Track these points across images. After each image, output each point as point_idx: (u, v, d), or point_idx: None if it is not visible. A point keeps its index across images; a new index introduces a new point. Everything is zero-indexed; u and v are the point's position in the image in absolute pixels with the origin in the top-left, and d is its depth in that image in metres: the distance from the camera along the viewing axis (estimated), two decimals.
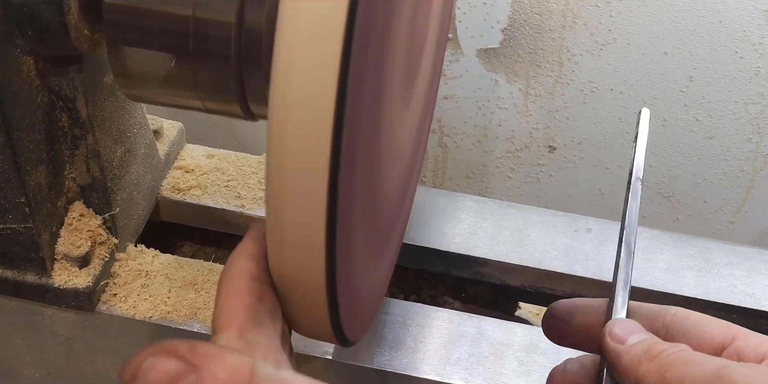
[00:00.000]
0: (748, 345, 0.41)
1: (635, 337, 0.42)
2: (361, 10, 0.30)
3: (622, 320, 0.44)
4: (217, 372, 0.31)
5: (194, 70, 0.41)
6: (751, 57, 0.82)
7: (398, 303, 0.58)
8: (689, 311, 0.44)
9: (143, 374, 0.31)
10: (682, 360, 0.39)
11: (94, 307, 0.55)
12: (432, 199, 0.68)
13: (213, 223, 0.65)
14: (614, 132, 0.91)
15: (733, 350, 0.42)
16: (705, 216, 0.97)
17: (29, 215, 0.49)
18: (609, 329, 0.43)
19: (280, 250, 0.35)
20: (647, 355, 0.41)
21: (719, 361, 0.39)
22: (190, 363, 0.31)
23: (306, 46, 0.30)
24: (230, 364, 0.31)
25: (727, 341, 0.42)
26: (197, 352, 0.32)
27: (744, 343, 0.42)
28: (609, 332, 0.43)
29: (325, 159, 0.31)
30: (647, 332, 0.43)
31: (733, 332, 0.43)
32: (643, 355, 0.41)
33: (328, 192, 0.32)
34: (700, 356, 0.40)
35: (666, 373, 0.39)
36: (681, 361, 0.39)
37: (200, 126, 0.96)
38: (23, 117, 0.46)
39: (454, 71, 0.88)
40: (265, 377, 0.31)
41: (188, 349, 0.32)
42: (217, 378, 0.31)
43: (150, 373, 0.31)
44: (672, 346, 0.41)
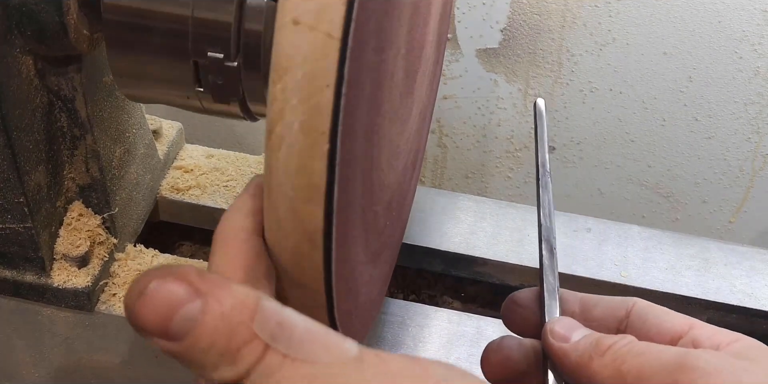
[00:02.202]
0: (703, 334, 0.41)
1: (578, 334, 0.41)
2: (359, 10, 0.30)
3: (561, 318, 0.43)
4: (223, 300, 0.31)
5: (193, 70, 0.41)
6: (750, 57, 0.82)
7: (397, 303, 0.58)
8: (650, 303, 0.44)
9: (148, 296, 0.31)
10: (636, 351, 0.39)
11: (93, 306, 0.55)
12: (431, 199, 0.68)
13: (212, 223, 0.64)
14: (614, 132, 0.91)
15: (689, 338, 0.41)
16: (704, 216, 0.97)
17: (28, 215, 0.49)
18: (550, 328, 0.42)
19: (283, 92, 0.33)
20: (597, 349, 0.40)
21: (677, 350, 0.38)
22: (197, 289, 0.31)
23: (305, 47, 0.30)
24: (236, 294, 0.31)
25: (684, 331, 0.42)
26: (205, 279, 0.31)
27: (700, 331, 0.41)
28: (550, 331, 0.42)
29: (323, 160, 0.31)
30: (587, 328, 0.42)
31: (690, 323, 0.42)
32: (593, 351, 0.40)
33: (326, 193, 0.32)
34: (654, 346, 0.39)
35: (621, 366, 0.38)
36: (635, 352, 0.39)
37: (199, 126, 0.96)
38: (22, 117, 0.46)
39: (454, 71, 0.88)
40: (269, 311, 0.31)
41: (197, 276, 0.31)
42: (223, 306, 0.30)
43: (155, 296, 0.31)
44: (619, 337, 0.40)
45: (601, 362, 0.39)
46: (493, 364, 0.44)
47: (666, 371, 0.37)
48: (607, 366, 0.39)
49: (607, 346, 0.39)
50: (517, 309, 0.45)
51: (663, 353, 0.38)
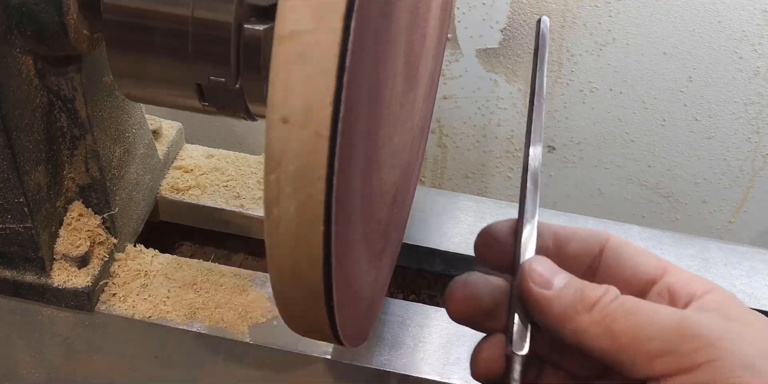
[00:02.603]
0: (678, 281, 0.40)
1: (560, 279, 0.39)
2: (359, 11, 0.30)
3: (540, 259, 0.40)
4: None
5: (193, 70, 0.41)
6: (750, 57, 0.82)
7: (397, 303, 0.58)
8: (623, 241, 0.42)
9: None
10: (626, 310, 0.37)
11: (93, 306, 0.55)
12: (431, 199, 0.68)
13: (212, 223, 0.65)
14: (614, 132, 0.91)
15: (663, 285, 0.40)
16: (704, 216, 0.97)
17: (28, 215, 0.49)
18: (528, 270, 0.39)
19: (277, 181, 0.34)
20: (583, 304, 0.38)
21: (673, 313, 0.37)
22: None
23: (295, 144, 0.31)
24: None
25: (659, 275, 0.41)
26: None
27: (674, 279, 0.40)
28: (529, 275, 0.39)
29: (322, 161, 0.31)
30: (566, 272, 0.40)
31: (664, 266, 0.41)
32: (579, 304, 0.38)
33: (326, 193, 0.32)
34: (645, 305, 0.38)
35: (612, 324, 0.37)
36: (624, 311, 0.37)
37: (199, 126, 0.96)
38: (22, 117, 0.46)
39: (454, 71, 0.88)
40: None
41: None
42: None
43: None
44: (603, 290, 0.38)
45: (590, 318, 0.38)
46: (458, 300, 0.42)
47: (665, 337, 0.36)
48: (595, 323, 0.37)
49: (594, 299, 0.38)
50: (493, 242, 0.43)
51: (659, 315, 0.37)
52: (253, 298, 0.56)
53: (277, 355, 0.54)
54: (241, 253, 0.70)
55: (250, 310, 0.56)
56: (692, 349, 0.35)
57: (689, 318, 0.36)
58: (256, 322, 0.55)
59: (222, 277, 0.58)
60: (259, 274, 0.58)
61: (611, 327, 0.37)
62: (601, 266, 0.42)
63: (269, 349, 0.54)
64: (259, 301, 0.56)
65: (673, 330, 0.36)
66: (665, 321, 0.36)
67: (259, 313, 0.55)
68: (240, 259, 0.70)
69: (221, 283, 0.57)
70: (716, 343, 0.35)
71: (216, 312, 0.55)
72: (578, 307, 0.38)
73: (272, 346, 0.54)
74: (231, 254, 0.70)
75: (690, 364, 0.35)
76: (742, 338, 0.36)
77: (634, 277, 0.41)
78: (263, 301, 0.56)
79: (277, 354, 0.54)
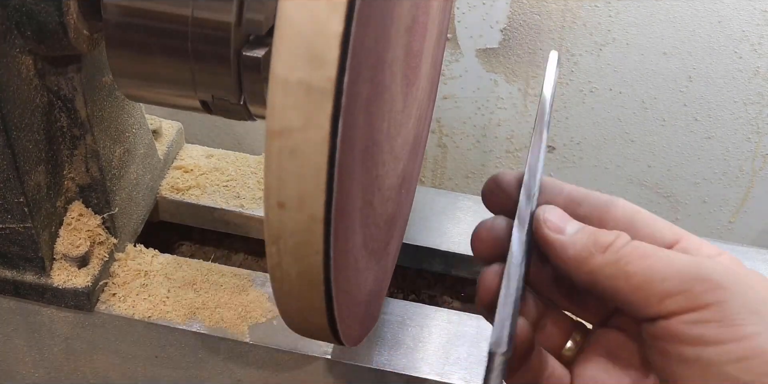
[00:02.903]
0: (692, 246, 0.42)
1: (572, 226, 0.41)
2: (359, 11, 0.30)
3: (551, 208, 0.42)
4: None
5: (193, 70, 0.41)
6: (750, 57, 0.82)
7: (397, 303, 0.58)
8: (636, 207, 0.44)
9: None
10: (640, 253, 0.39)
11: (93, 306, 0.55)
12: (431, 199, 0.68)
13: (212, 222, 0.65)
14: (613, 132, 0.91)
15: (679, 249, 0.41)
16: (704, 216, 0.97)
17: (28, 215, 0.49)
18: (543, 218, 0.41)
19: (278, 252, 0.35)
20: (597, 246, 0.40)
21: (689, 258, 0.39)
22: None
23: (304, 48, 0.30)
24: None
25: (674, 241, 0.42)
26: None
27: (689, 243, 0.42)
28: (544, 221, 0.41)
29: (323, 161, 0.31)
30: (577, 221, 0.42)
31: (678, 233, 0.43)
32: (593, 247, 0.40)
33: (326, 194, 0.32)
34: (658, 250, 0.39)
35: (626, 266, 0.39)
36: (638, 253, 0.39)
37: (199, 126, 0.96)
38: (22, 117, 0.46)
39: (454, 71, 0.88)
40: None
41: None
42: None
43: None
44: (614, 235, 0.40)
45: (603, 260, 0.39)
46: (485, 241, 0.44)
47: (680, 278, 0.37)
48: (610, 264, 0.39)
49: (608, 242, 0.40)
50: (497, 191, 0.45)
51: (675, 259, 0.38)
52: (253, 298, 0.56)
53: (277, 355, 0.54)
54: (241, 253, 0.70)
55: (250, 310, 0.56)
56: (703, 290, 0.37)
57: (703, 263, 0.38)
58: (256, 322, 0.55)
59: (222, 277, 0.58)
60: (259, 274, 0.58)
61: (625, 268, 0.39)
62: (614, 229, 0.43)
63: (269, 349, 0.54)
64: (259, 301, 0.56)
65: (687, 272, 0.37)
66: (679, 264, 0.38)
67: (259, 313, 0.55)
68: (240, 259, 0.70)
69: (221, 283, 0.57)
70: (726, 287, 0.37)
71: (216, 312, 0.55)
72: (592, 249, 0.40)
73: (272, 346, 0.54)
74: (231, 254, 0.70)
75: (700, 303, 0.37)
76: (749, 287, 0.37)
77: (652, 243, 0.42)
78: (263, 301, 0.56)
79: (277, 354, 0.54)
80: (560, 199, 0.44)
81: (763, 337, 0.36)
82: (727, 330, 0.36)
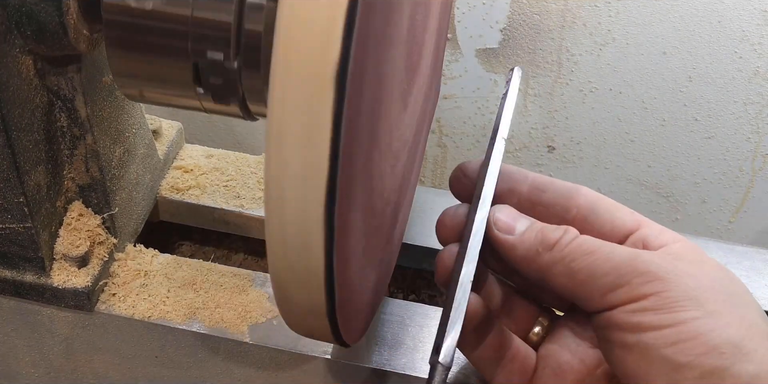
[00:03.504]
0: (651, 233, 0.43)
1: (522, 224, 0.43)
2: (360, 12, 0.30)
3: (502, 207, 0.44)
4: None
5: (193, 70, 0.41)
6: (750, 57, 0.82)
7: (397, 302, 0.58)
8: (599, 195, 0.45)
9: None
10: (585, 250, 0.40)
11: (93, 306, 0.55)
12: (432, 199, 0.68)
13: (212, 222, 0.65)
14: (613, 132, 0.91)
15: (639, 236, 0.43)
16: (704, 216, 0.97)
17: (28, 215, 0.49)
18: (493, 218, 0.43)
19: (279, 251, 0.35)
20: (544, 244, 0.41)
21: (628, 251, 0.40)
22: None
23: (304, 49, 0.30)
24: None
25: (634, 228, 0.44)
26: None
27: (648, 230, 0.43)
28: (494, 222, 0.43)
29: (323, 162, 0.31)
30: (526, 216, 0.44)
31: (639, 220, 0.44)
32: (540, 245, 0.41)
33: (327, 194, 0.32)
34: (602, 245, 0.40)
35: (571, 263, 0.40)
36: (584, 250, 0.40)
37: (199, 126, 0.96)
38: (22, 117, 0.46)
39: (454, 71, 0.88)
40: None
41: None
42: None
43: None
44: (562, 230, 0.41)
45: (551, 258, 0.41)
46: (447, 226, 0.46)
47: (618, 273, 0.39)
48: (556, 262, 0.41)
49: (554, 240, 0.41)
50: (463, 179, 0.47)
51: (614, 254, 0.40)
52: (253, 298, 0.56)
53: (277, 355, 0.54)
54: (241, 253, 0.70)
55: (250, 310, 0.56)
56: (642, 282, 0.39)
57: (641, 256, 0.40)
58: (256, 322, 0.55)
59: (222, 276, 0.58)
60: (259, 274, 0.58)
61: (570, 266, 0.40)
62: (577, 219, 0.45)
63: (269, 349, 0.54)
64: (259, 301, 0.56)
65: (625, 266, 0.39)
66: (619, 259, 0.39)
67: (259, 313, 0.55)
68: (240, 259, 0.70)
69: (221, 282, 0.57)
70: (664, 277, 0.38)
71: (216, 312, 0.55)
72: (539, 248, 0.41)
73: (272, 346, 0.54)
74: (231, 254, 0.70)
75: (639, 295, 0.39)
76: (688, 275, 0.39)
77: (612, 231, 0.44)
78: (263, 301, 0.56)
79: (277, 354, 0.54)
80: (525, 187, 0.46)
81: (700, 321, 0.38)
82: (665, 316, 0.38)
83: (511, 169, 0.47)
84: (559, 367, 0.45)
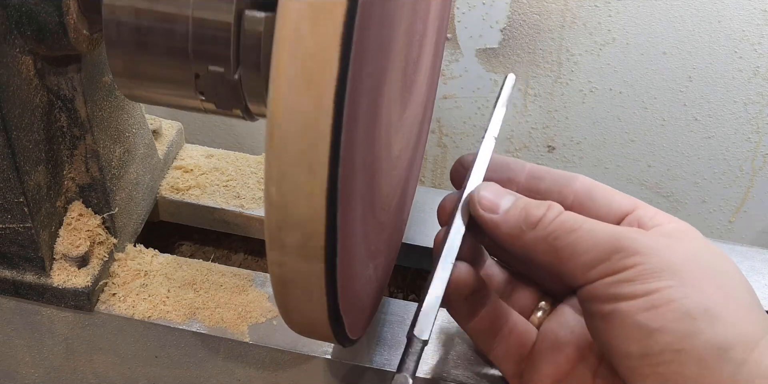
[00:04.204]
0: (646, 214, 0.44)
1: (506, 200, 0.44)
2: (360, 12, 0.30)
3: (486, 185, 0.45)
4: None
5: (193, 70, 0.41)
6: (750, 57, 0.82)
7: (397, 302, 0.58)
8: (595, 182, 0.47)
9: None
10: (568, 227, 0.41)
11: (93, 306, 0.55)
12: (431, 199, 0.68)
13: (212, 222, 0.65)
14: (613, 132, 0.91)
15: (634, 217, 0.44)
16: (704, 216, 0.97)
17: (28, 215, 0.49)
18: (477, 198, 0.44)
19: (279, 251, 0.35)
20: (527, 222, 0.42)
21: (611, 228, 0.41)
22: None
23: (304, 49, 0.30)
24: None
25: (630, 210, 0.45)
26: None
27: (643, 211, 0.45)
28: (479, 202, 0.44)
29: (323, 162, 0.32)
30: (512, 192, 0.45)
31: (635, 202, 0.45)
32: (523, 223, 0.42)
33: (327, 194, 0.32)
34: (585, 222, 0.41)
35: (555, 241, 0.41)
36: (566, 228, 0.41)
37: (199, 126, 0.96)
38: (22, 117, 0.46)
39: (453, 71, 0.88)
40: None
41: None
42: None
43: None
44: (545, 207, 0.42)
45: (534, 236, 0.42)
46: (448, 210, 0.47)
47: (600, 249, 0.40)
48: (540, 240, 0.42)
49: (537, 218, 0.42)
50: (461, 170, 0.49)
51: (595, 231, 0.41)
52: (253, 297, 0.56)
53: (277, 355, 0.54)
54: (241, 253, 0.70)
55: (250, 310, 0.56)
56: (621, 257, 0.40)
57: (622, 233, 0.41)
58: (256, 322, 0.55)
59: (222, 276, 0.58)
60: (259, 274, 0.58)
61: (554, 243, 0.41)
62: (574, 205, 0.46)
63: (269, 349, 0.54)
64: (259, 301, 0.56)
65: (606, 243, 0.40)
66: (600, 236, 0.40)
67: (259, 313, 0.55)
68: (240, 259, 0.70)
69: (221, 282, 0.57)
70: (643, 251, 0.40)
71: (216, 312, 0.55)
72: (523, 226, 0.42)
73: (272, 346, 0.54)
74: (231, 254, 0.70)
75: (617, 269, 0.40)
76: (669, 249, 0.40)
77: (609, 214, 0.45)
78: (263, 301, 0.56)
79: (277, 354, 0.54)
80: (522, 176, 0.48)
81: (673, 288, 0.39)
82: (640, 286, 0.39)
83: (509, 160, 0.48)
84: (557, 341, 0.46)
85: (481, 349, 0.50)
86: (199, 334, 0.55)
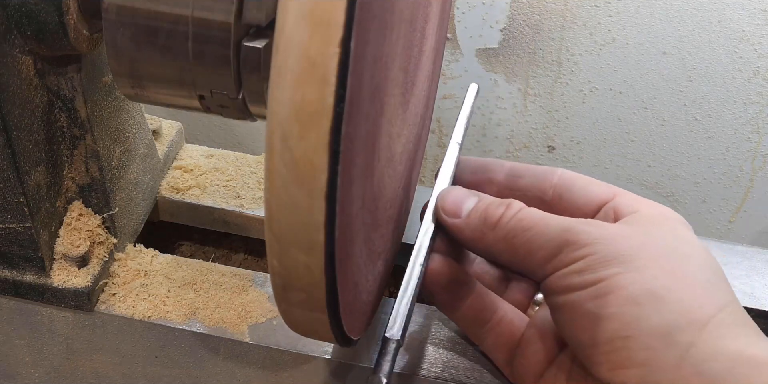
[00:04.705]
0: (623, 201, 0.45)
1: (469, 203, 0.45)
2: (359, 13, 0.30)
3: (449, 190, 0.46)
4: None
5: (193, 70, 0.41)
6: (750, 57, 0.82)
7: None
8: (575, 174, 0.47)
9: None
10: (524, 226, 0.42)
11: (92, 306, 0.55)
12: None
13: (212, 222, 0.65)
14: (613, 132, 0.91)
15: (612, 205, 0.45)
16: (704, 216, 0.97)
17: (28, 215, 0.49)
18: (441, 204, 0.46)
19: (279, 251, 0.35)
20: (487, 224, 0.43)
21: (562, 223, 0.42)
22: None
23: (304, 50, 0.30)
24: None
25: (609, 199, 0.45)
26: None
27: (621, 199, 0.45)
28: (442, 208, 0.46)
29: (323, 162, 0.32)
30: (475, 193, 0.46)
31: (615, 191, 0.46)
32: (484, 226, 0.43)
33: (327, 194, 0.32)
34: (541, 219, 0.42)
35: (513, 240, 0.42)
36: (522, 226, 0.42)
37: (199, 126, 0.96)
38: (22, 117, 0.46)
39: (454, 71, 0.88)
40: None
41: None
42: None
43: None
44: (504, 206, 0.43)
45: (494, 237, 0.43)
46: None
47: (552, 244, 0.41)
48: (500, 240, 0.43)
49: (496, 218, 0.43)
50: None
51: (549, 227, 0.42)
52: (253, 297, 0.56)
53: (277, 355, 0.54)
54: (241, 253, 0.70)
55: (250, 310, 0.56)
56: (571, 250, 0.41)
57: (572, 227, 0.41)
58: (256, 322, 0.55)
59: (222, 276, 0.58)
60: (259, 274, 0.58)
61: (512, 242, 0.42)
62: (554, 199, 0.47)
63: (269, 349, 0.54)
64: (259, 301, 0.56)
65: (557, 238, 0.41)
66: (552, 232, 0.42)
67: (259, 313, 0.55)
68: (240, 259, 0.70)
69: (221, 282, 0.57)
70: (592, 243, 0.40)
71: (216, 312, 0.55)
72: (483, 229, 0.44)
73: (272, 346, 0.54)
74: (231, 254, 0.70)
75: (569, 261, 0.41)
76: (622, 238, 0.41)
77: (586, 204, 0.46)
78: (263, 301, 0.56)
79: (277, 354, 0.54)
80: (501, 175, 0.48)
81: (621, 275, 0.39)
82: (589, 276, 0.40)
83: (488, 160, 0.49)
84: (544, 327, 0.47)
85: (473, 339, 0.51)
86: (199, 334, 0.55)
